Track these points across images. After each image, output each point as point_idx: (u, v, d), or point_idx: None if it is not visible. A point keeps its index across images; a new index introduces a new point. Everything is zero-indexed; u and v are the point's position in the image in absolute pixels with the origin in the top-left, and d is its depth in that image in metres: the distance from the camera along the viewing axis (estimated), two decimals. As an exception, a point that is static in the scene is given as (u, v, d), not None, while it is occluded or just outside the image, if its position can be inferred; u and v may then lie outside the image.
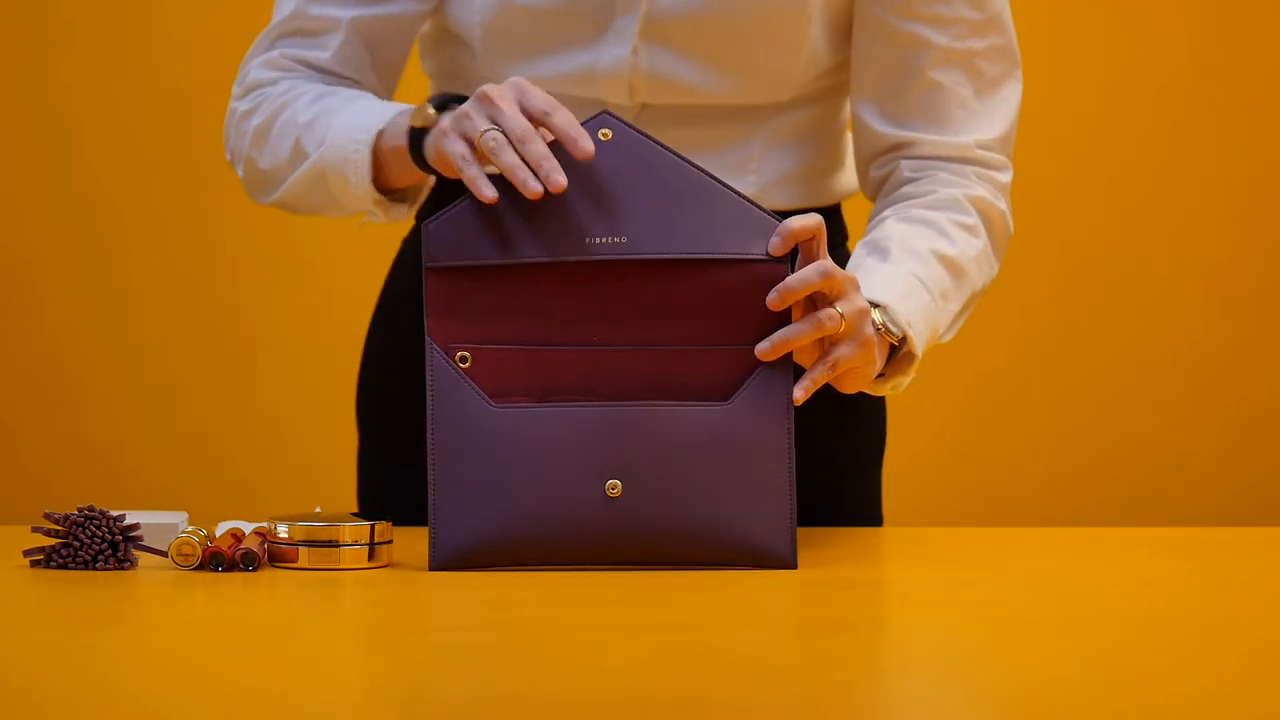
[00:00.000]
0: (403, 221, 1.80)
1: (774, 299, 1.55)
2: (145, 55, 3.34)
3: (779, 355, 1.55)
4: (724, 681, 1.16)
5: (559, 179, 1.52)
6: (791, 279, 1.55)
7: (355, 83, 1.83)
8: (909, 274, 1.69)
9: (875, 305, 1.63)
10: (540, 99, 1.56)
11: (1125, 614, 1.42)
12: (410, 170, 1.70)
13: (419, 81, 1.94)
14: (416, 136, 1.66)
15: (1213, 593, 1.54)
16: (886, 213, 1.78)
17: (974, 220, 1.77)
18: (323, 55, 1.82)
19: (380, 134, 1.71)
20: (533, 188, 1.52)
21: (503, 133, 1.54)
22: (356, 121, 1.73)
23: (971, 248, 1.76)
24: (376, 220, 1.78)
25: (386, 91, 1.86)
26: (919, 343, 1.66)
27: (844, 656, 1.26)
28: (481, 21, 1.78)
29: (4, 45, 3.31)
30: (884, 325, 1.62)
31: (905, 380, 1.69)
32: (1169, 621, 1.38)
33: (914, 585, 1.57)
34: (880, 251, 1.72)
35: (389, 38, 1.83)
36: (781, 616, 1.41)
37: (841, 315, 1.55)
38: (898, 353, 1.66)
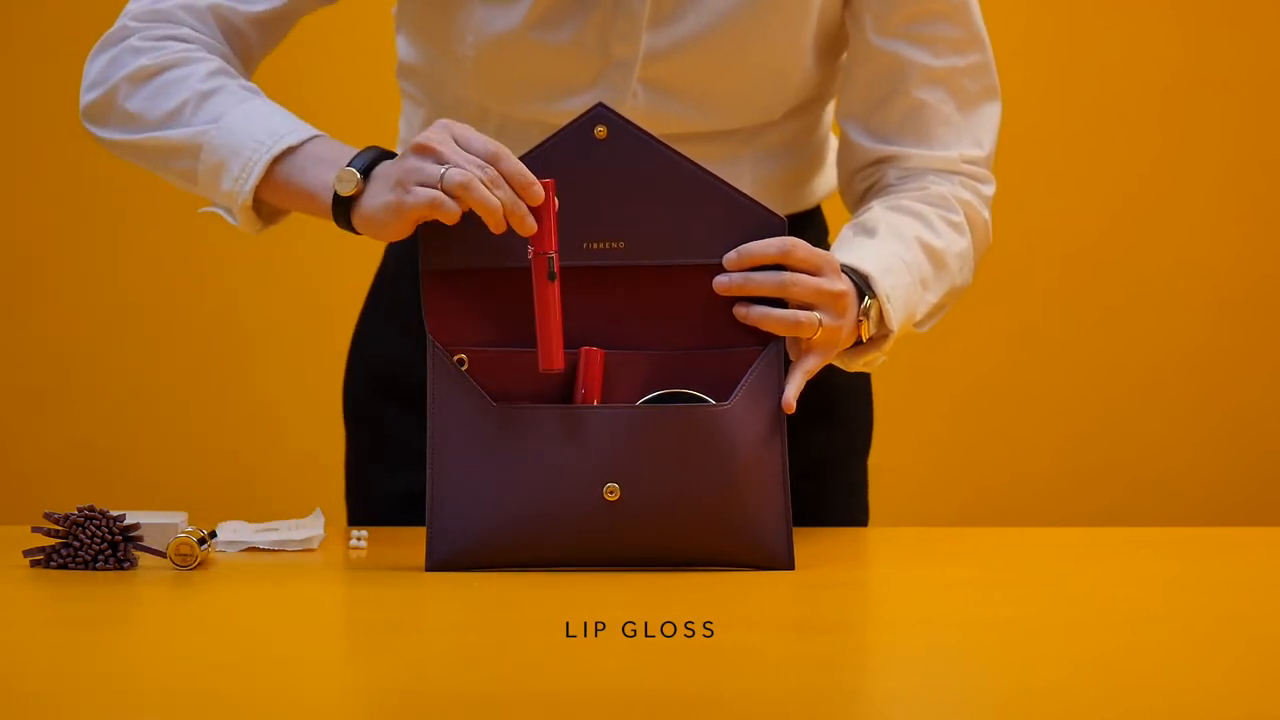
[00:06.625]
0: (252, 234, 1.70)
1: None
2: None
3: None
4: (723, 681, 1.16)
5: (531, 224, 1.52)
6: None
7: (248, 67, 1.77)
8: (893, 254, 1.70)
9: (855, 271, 1.65)
10: (480, 142, 1.53)
11: (1125, 614, 1.42)
12: (301, 205, 1.64)
13: (390, 91, 1.92)
14: (341, 200, 1.59)
15: (1213, 593, 1.54)
16: (874, 202, 1.79)
17: (960, 219, 1.79)
18: (254, 8, 1.75)
19: (290, 150, 1.64)
20: (511, 226, 1.51)
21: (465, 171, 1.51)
22: (266, 121, 1.66)
23: (955, 244, 1.77)
24: (221, 216, 1.70)
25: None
26: (895, 319, 1.66)
27: (843, 656, 1.26)
28: (474, 57, 1.76)
29: (4, 45, 3.31)
30: (865, 307, 1.63)
31: (879, 358, 1.70)
32: (1169, 621, 1.38)
33: (911, 585, 1.57)
34: (867, 231, 1.74)
35: (293, 19, 1.79)
36: (780, 616, 1.41)
37: (820, 324, 1.56)
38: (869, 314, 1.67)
